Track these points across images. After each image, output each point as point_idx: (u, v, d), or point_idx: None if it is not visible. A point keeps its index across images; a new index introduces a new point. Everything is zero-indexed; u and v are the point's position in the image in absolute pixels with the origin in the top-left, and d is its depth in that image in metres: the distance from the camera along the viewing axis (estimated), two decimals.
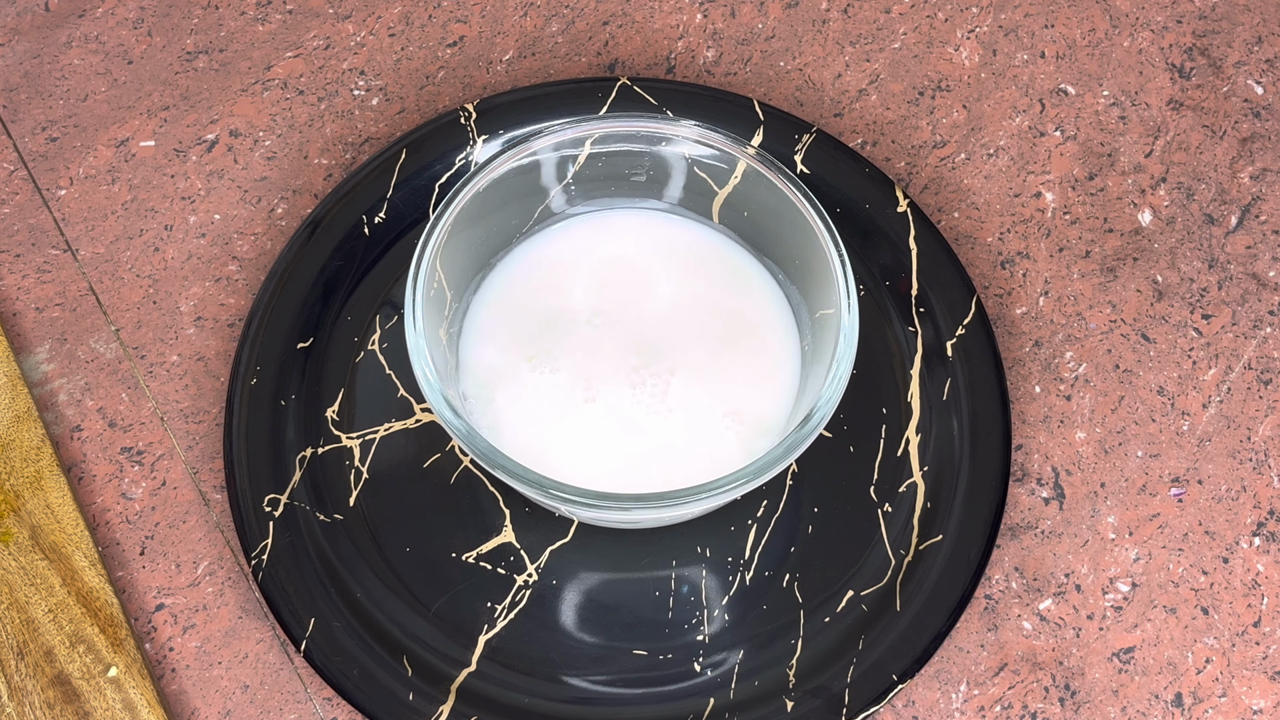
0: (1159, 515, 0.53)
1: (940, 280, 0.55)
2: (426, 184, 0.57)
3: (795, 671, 0.50)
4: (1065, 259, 0.58)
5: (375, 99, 0.61)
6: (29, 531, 0.51)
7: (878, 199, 0.56)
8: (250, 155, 0.60)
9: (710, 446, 0.49)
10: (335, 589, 0.51)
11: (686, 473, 0.48)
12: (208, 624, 0.52)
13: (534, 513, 0.52)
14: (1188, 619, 0.52)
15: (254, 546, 0.51)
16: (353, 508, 0.52)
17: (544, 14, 0.63)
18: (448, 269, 0.48)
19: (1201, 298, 0.57)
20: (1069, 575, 0.52)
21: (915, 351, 0.55)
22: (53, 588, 0.50)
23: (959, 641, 0.51)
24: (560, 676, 0.50)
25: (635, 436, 0.49)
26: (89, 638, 0.50)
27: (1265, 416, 0.55)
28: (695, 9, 0.63)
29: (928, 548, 0.51)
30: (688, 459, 0.48)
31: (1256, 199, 0.59)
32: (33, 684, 0.49)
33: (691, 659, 0.50)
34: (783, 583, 0.51)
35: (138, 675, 0.49)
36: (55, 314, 0.57)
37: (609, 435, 0.49)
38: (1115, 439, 0.55)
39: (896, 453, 0.53)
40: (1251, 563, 0.53)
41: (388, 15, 0.63)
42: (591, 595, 0.51)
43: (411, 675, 0.49)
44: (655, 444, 0.49)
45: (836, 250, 0.46)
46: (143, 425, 0.55)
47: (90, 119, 0.60)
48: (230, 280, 0.57)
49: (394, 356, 0.55)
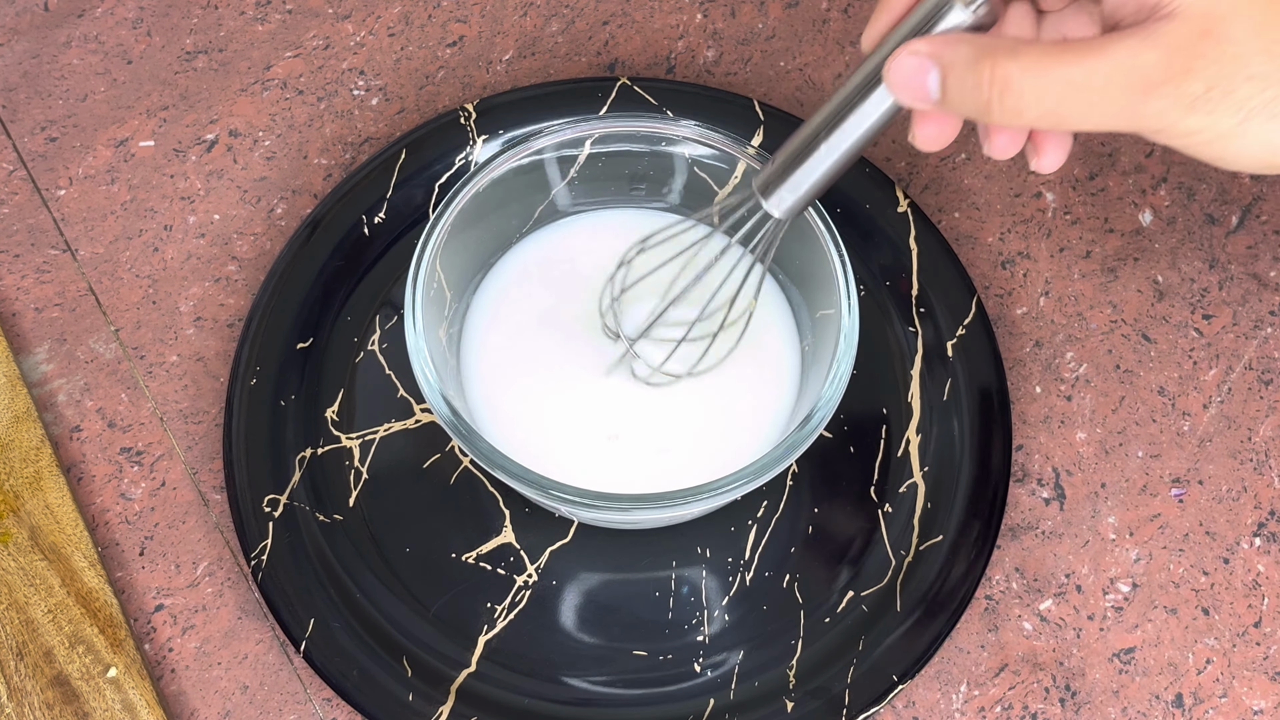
0: (1160, 515, 0.53)
1: (940, 280, 0.55)
2: (426, 184, 0.57)
3: (795, 672, 0.50)
4: (1066, 259, 0.58)
5: (375, 99, 0.61)
6: (28, 532, 0.51)
7: (878, 199, 0.56)
8: (250, 155, 0.60)
9: (710, 447, 0.49)
10: (335, 589, 0.51)
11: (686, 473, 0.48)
12: (207, 624, 0.51)
13: (534, 513, 0.52)
14: (1188, 619, 0.52)
15: (253, 547, 0.51)
16: (352, 508, 0.52)
17: (544, 14, 0.63)
18: (447, 269, 0.48)
19: (1202, 298, 0.57)
20: (1069, 575, 0.52)
21: (915, 351, 0.54)
22: (52, 588, 0.50)
23: (959, 642, 0.51)
24: (560, 677, 0.50)
25: (636, 436, 0.49)
26: (88, 638, 0.50)
27: (1266, 417, 0.55)
28: (695, 9, 0.63)
29: (928, 548, 0.51)
30: (688, 459, 0.48)
31: (1257, 199, 0.59)
32: (32, 684, 0.49)
33: (691, 659, 0.50)
34: (783, 583, 0.51)
35: (137, 676, 0.49)
36: (54, 314, 0.57)
37: (609, 435, 0.49)
38: (1116, 439, 0.54)
39: (896, 453, 0.53)
40: (1252, 563, 0.53)
41: (387, 15, 0.63)
42: (591, 596, 0.51)
43: (411, 676, 0.49)
44: (656, 444, 0.49)
45: (837, 251, 0.46)
46: (142, 425, 0.55)
47: (89, 119, 0.60)
48: (230, 280, 0.57)
49: (394, 356, 0.55)
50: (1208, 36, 0.34)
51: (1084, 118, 0.36)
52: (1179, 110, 0.35)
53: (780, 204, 0.42)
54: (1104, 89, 0.35)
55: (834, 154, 0.40)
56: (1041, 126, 0.36)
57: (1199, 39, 0.34)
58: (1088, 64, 0.35)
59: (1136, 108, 0.35)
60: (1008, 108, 0.36)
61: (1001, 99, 0.35)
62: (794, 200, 0.42)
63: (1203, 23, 0.34)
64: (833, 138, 0.40)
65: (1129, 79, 0.35)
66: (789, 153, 0.41)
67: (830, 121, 0.40)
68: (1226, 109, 0.35)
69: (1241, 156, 0.36)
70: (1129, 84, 0.35)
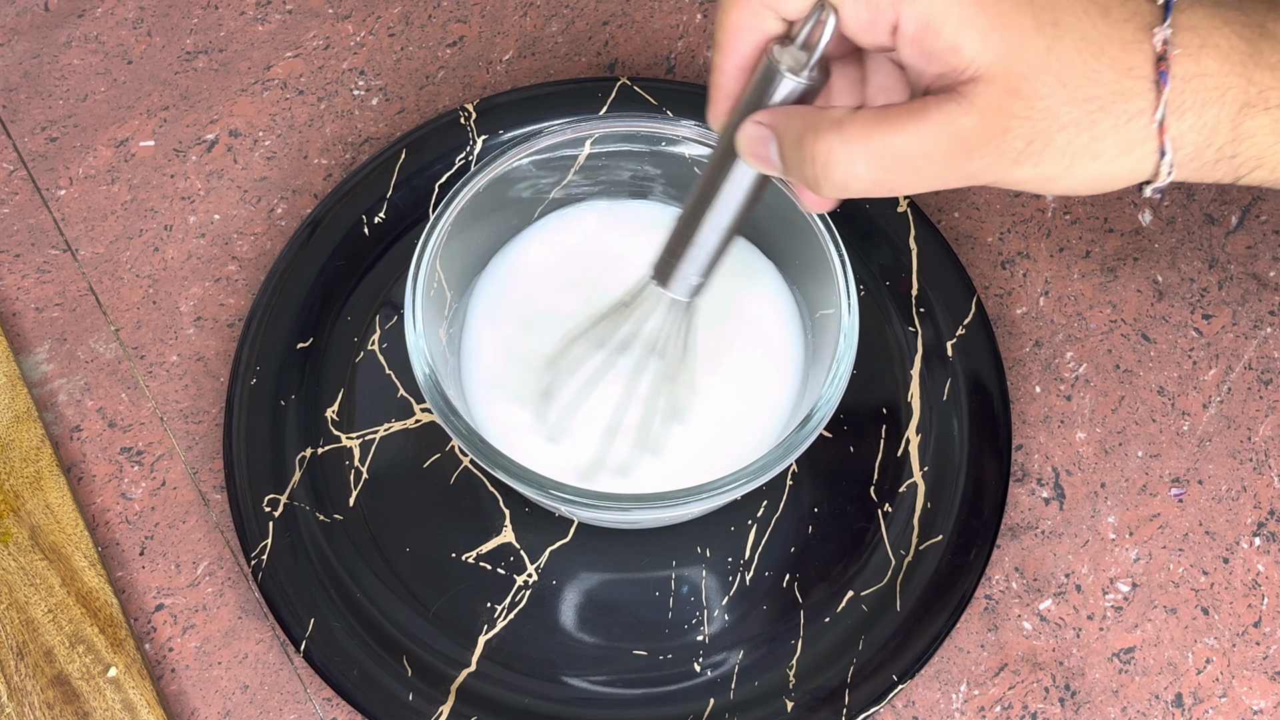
0: (1159, 515, 0.53)
1: (940, 280, 0.55)
2: (426, 184, 0.57)
3: (795, 671, 0.50)
4: (1065, 259, 0.58)
5: (375, 99, 0.61)
6: (29, 531, 0.51)
7: (878, 199, 0.56)
8: (250, 155, 0.60)
9: (712, 446, 0.49)
10: (335, 589, 0.51)
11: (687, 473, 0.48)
12: (207, 624, 0.51)
13: (534, 513, 0.52)
14: (1188, 619, 0.52)
15: (254, 547, 0.51)
16: (352, 508, 0.52)
17: (544, 14, 0.63)
18: (447, 269, 0.48)
19: (1202, 298, 0.57)
20: (1069, 575, 0.52)
21: (915, 351, 0.54)
22: (52, 588, 0.50)
23: (959, 642, 0.51)
24: (560, 677, 0.50)
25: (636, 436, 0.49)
26: (89, 638, 0.50)
27: (1266, 416, 0.55)
28: (695, 9, 0.63)
29: (928, 548, 0.51)
30: (689, 459, 0.48)
31: (1257, 199, 0.59)
32: (32, 684, 0.49)
33: (691, 659, 0.50)
34: (783, 583, 0.51)
35: (137, 675, 0.49)
36: (55, 314, 0.57)
37: (610, 435, 0.49)
38: (1115, 439, 0.54)
39: (896, 453, 0.53)
40: (1252, 563, 0.53)
41: (387, 15, 0.63)
42: (591, 595, 0.51)
43: (411, 675, 0.49)
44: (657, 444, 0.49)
45: (837, 251, 0.46)
46: (142, 425, 0.55)
47: (90, 119, 0.60)
48: (230, 280, 0.57)
49: (394, 356, 0.55)
50: (1016, 95, 0.35)
51: (912, 183, 0.36)
52: (1005, 166, 0.36)
53: (683, 286, 0.43)
54: (928, 155, 0.36)
55: (719, 230, 0.41)
56: (872, 195, 0.37)
57: (1009, 98, 0.35)
58: (909, 131, 0.36)
59: (962, 168, 0.36)
60: (835, 181, 0.36)
61: (826, 174, 0.36)
62: (695, 280, 0.42)
63: (1007, 81, 0.35)
64: (713, 215, 0.40)
65: (951, 143, 0.35)
66: (676, 238, 0.42)
67: (705, 200, 0.40)
68: (1050, 157, 0.36)
69: (1077, 189, 0.38)
70: (951, 148, 0.36)
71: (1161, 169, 0.37)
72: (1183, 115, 0.36)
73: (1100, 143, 0.36)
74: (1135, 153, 0.37)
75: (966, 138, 0.35)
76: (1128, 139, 0.36)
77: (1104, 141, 0.36)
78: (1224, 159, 0.38)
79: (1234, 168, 0.38)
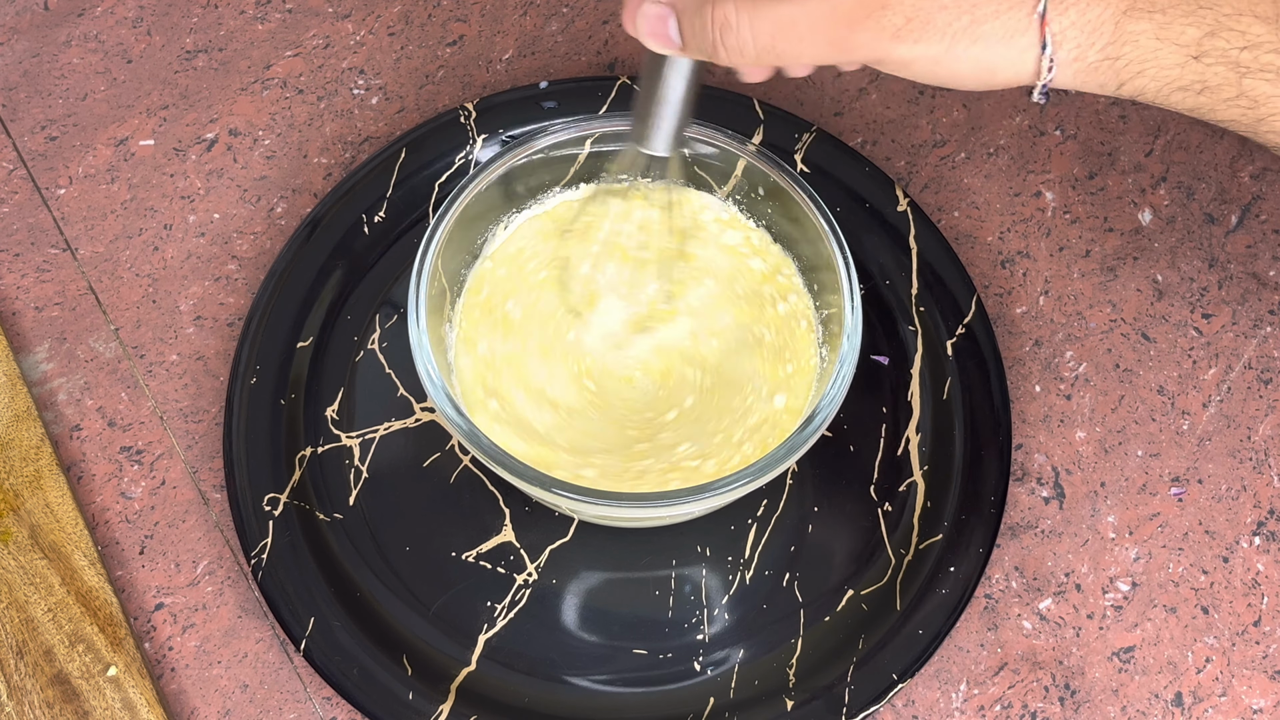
0: (1159, 515, 0.53)
1: (940, 280, 0.55)
2: (426, 183, 0.57)
3: (795, 671, 0.50)
4: (1065, 258, 0.58)
5: (375, 98, 0.61)
6: (28, 531, 0.51)
7: (878, 198, 0.56)
8: (250, 154, 0.60)
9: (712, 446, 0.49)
10: (335, 589, 0.51)
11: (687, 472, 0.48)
12: (207, 623, 0.51)
13: (534, 512, 0.52)
14: (1188, 618, 0.52)
15: (253, 546, 0.51)
16: (352, 507, 0.52)
17: (544, 13, 0.63)
18: (449, 268, 0.48)
19: (1202, 297, 0.57)
20: (1069, 575, 0.52)
21: (915, 351, 0.55)
22: (52, 587, 0.50)
23: (959, 641, 0.51)
24: (560, 676, 0.50)
25: (638, 434, 0.49)
26: (88, 637, 0.50)
27: (1265, 416, 0.55)
28: None
29: (928, 547, 0.51)
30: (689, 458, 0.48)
31: (1257, 198, 0.59)
32: (32, 683, 0.49)
33: (691, 658, 0.50)
34: (783, 582, 0.51)
35: (137, 675, 0.49)
36: (55, 313, 0.57)
37: (612, 433, 0.49)
38: (1115, 438, 0.55)
39: (896, 452, 0.53)
40: (1251, 562, 0.53)
41: (387, 14, 0.63)
42: (591, 595, 0.51)
43: (411, 675, 0.49)
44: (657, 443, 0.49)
45: (840, 251, 0.46)
46: (142, 424, 0.55)
47: (89, 118, 0.60)
48: (230, 279, 0.57)
49: (394, 356, 0.55)
50: None
51: (799, 54, 0.39)
52: (885, 41, 0.38)
53: (662, 143, 0.44)
54: (812, 27, 0.38)
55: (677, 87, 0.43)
56: (764, 63, 0.40)
57: None
58: (795, 4, 0.38)
59: (844, 42, 0.38)
60: (730, 47, 0.39)
61: (723, 38, 0.39)
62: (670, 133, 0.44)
63: None
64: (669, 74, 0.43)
65: (833, 16, 0.38)
66: (641, 103, 0.44)
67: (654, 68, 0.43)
68: (931, 37, 0.38)
69: (962, 78, 0.39)
70: (834, 21, 0.38)
71: (1043, 64, 0.38)
72: (1065, 10, 0.38)
73: (981, 26, 0.38)
74: (1017, 41, 0.38)
75: (849, 12, 0.38)
76: (1008, 26, 0.38)
77: (984, 26, 0.38)
78: (1106, 60, 0.39)
79: (1116, 71, 0.39)
